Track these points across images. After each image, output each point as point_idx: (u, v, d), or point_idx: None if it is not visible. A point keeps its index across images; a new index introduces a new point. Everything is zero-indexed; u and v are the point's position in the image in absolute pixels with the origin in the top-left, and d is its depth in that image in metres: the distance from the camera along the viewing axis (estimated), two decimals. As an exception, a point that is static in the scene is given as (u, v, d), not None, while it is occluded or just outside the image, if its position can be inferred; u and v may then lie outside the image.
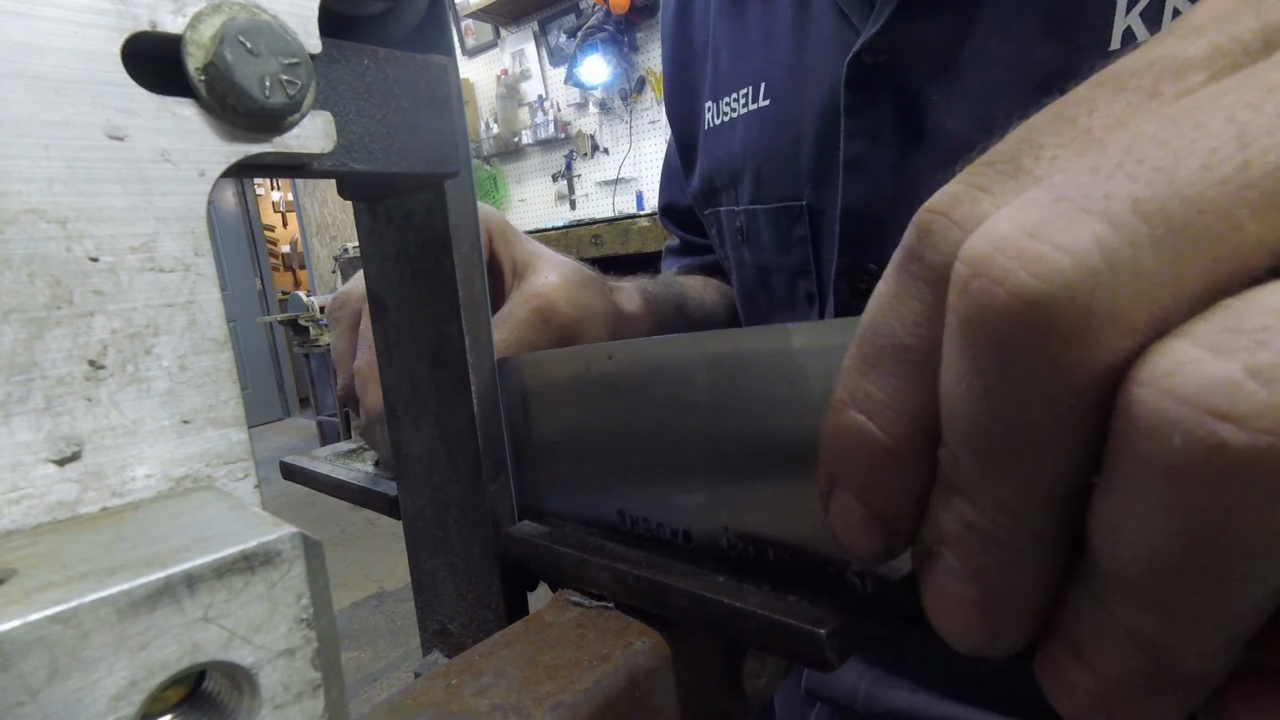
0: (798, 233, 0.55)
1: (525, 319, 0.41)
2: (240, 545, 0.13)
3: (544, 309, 0.42)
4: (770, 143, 0.55)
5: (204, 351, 0.17)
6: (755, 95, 0.55)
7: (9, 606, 0.11)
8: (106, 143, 0.16)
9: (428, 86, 0.24)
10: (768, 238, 0.57)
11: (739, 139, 0.57)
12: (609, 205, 3.77)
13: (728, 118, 0.59)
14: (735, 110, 0.57)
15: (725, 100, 0.59)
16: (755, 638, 0.22)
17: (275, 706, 0.14)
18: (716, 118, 0.61)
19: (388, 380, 0.31)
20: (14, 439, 0.14)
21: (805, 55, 0.51)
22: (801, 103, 0.51)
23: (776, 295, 0.60)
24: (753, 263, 0.60)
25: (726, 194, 0.62)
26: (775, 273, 0.59)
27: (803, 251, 0.55)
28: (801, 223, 0.53)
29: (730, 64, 0.59)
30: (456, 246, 0.27)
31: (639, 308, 0.55)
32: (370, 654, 2.26)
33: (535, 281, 0.43)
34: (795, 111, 0.52)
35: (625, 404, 0.26)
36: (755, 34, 0.56)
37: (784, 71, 0.53)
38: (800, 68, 0.52)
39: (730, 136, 0.58)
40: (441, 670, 0.22)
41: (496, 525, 0.29)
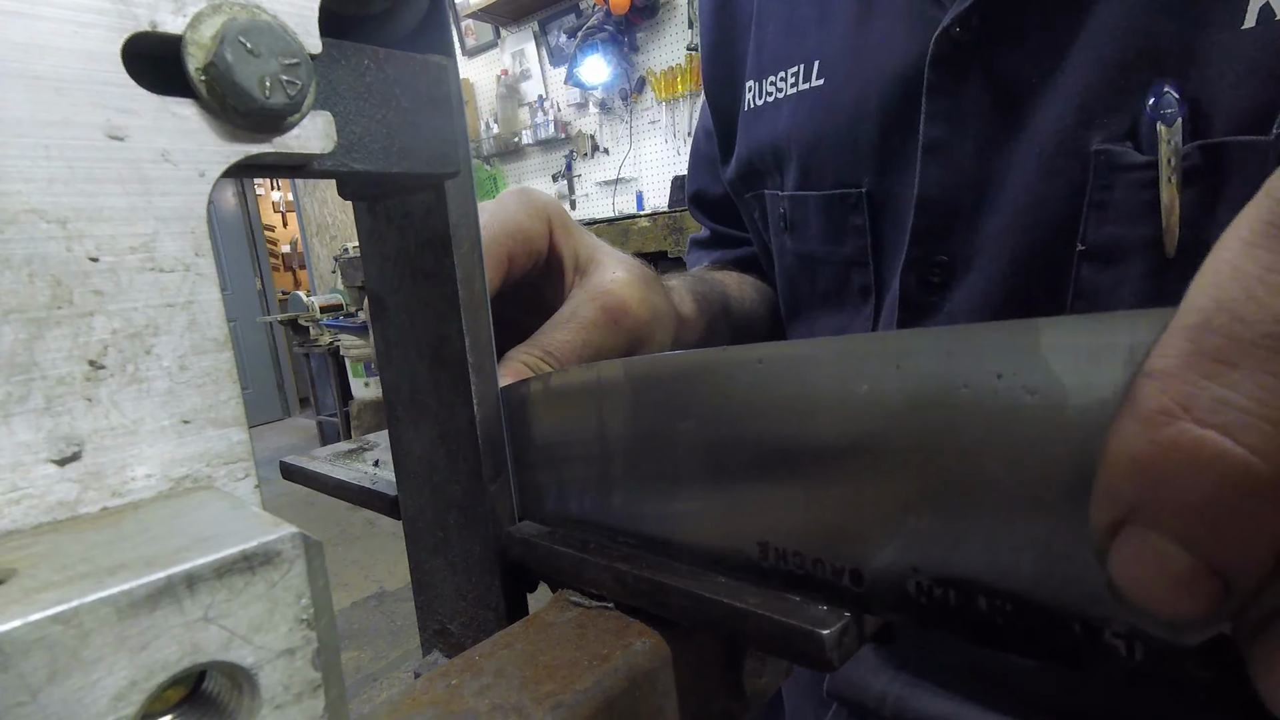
0: (854, 221, 0.51)
1: (594, 319, 0.37)
2: (240, 545, 0.13)
3: (614, 308, 0.38)
4: (822, 125, 0.51)
5: (204, 351, 0.17)
6: (807, 74, 0.52)
7: (9, 606, 0.11)
8: (106, 143, 0.16)
9: (428, 86, 0.24)
10: (817, 226, 0.53)
11: (784, 120, 0.54)
12: (609, 205, 3.76)
13: (772, 98, 0.55)
14: (781, 90, 0.54)
15: (770, 79, 0.55)
16: (755, 638, 0.22)
17: (275, 706, 0.14)
18: (759, 97, 0.57)
19: (388, 380, 0.31)
20: (14, 439, 0.14)
21: (870, 31, 0.47)
22: (864, 82, 0.48)
23: (823, 286, 0.56)
24: (795, 251, 0.57)
25: (771, 178, 0.58)
26: (823, 263, 0.55)
27: (859, 242, 0.52)
28: (859, 211, 0.50)
29: (778, 41, 0.55)
30: (456, 246, 0.27)
31: (692, 310, 0.51)
32: (370, 654, 2.25)
33: (603, 278, 0.39)
34: (855, 92, 0.48)
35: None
36: (808, 8, 0.53)
37: (842, 49, 0.49)
38: (863, 45, 0.48)
39: (774, 118, 0.55)
40: (441, 670, 0.22)
41: (496, 525, 0.29)
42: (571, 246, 0.39)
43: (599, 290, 0.38)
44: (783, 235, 0.58)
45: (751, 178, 0.61)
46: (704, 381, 0.23)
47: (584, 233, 0.41)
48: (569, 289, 0.39)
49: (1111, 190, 0.39)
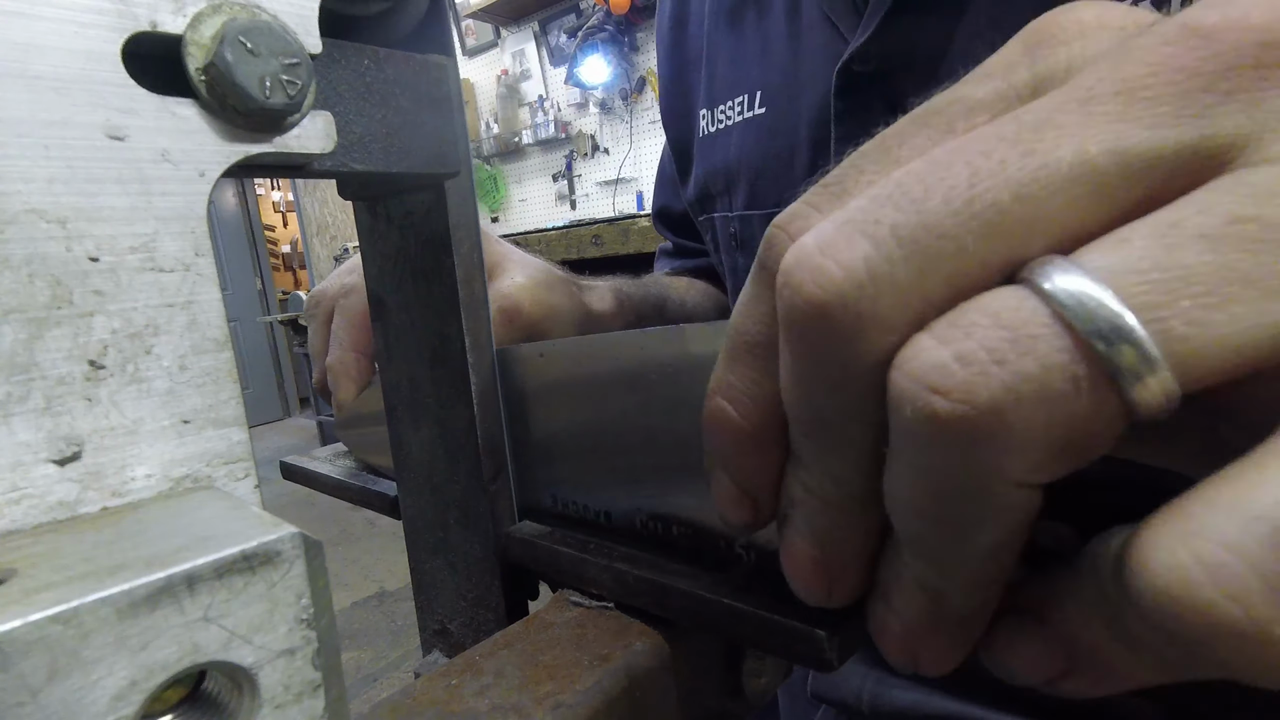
0: None
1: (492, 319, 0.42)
2: (240, 545, 0.13)
3: (509, 310, 0.44)
4: (765, 150, 0.55)
5: (204, 351, 0.17)
6: (751, 103, 0.56)
7: (9, 606, 0.11)
8: (106, 143, 0.16)
9: (428, 86, 0.24)
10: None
11: (734, 146, 0.58)
12: (609, 205, 3.77)
13: (723, 125, 0.59)
14: (731, 118, 0.58)
15: (720, 108, 0.60)
16: (755, 638, 0.22)
17: (275, 706, 0.14)
18: (711, 125, 0.62)
19: (388, 380, 0.31)
20: (14, 439, 0.14)
21: (800, 64, 0.52)
22: (796, 111, 0.52)
23: None
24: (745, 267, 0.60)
25: (721, 200, 0.63)
26: None
27: None
28: None
29: (726, 73, 0.59)
30: (456, 247, 0.27)
31: (610, 307, 0.56)
32: (370, 654, 2.25)
33: (502, 283, 0.45)
34: (790, 119, 0.53)
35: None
36: (752, 44, 0.57)
37: (779, 80, 0.54)
38: (795, 76, 0.52)
39: (725, 143, 0.59)
40: (441, 670, 0.22)
41: (496, 525, 0.29)
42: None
43: (497, 294, 0.44)
44: (734, 253, 0.62)
45: (706, 201, 0.65)
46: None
47: (495, 242, 0.47)
48: None
49: None
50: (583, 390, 0.27)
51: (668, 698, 0.24)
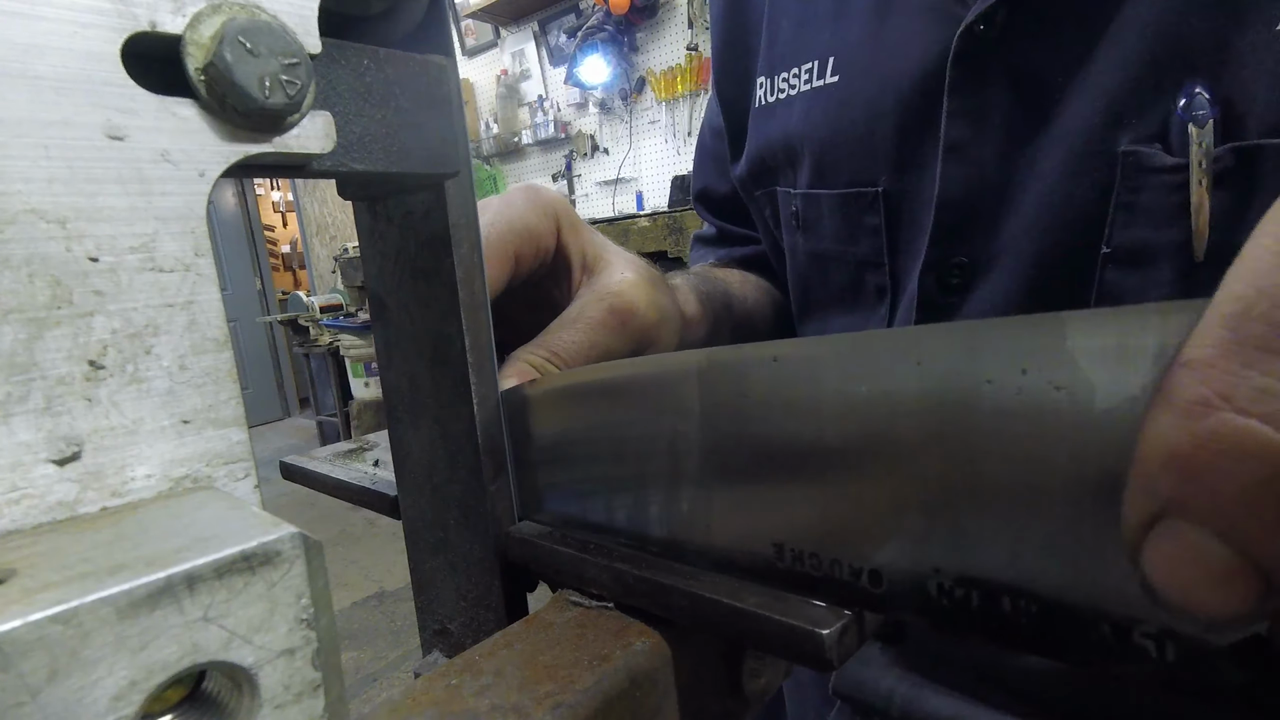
0: (869, 221, 0.50)
1: (601, 320, 0.37)
2: (240, 545, 0.13)
3: (622, 310, 0.38)
4: (837, 123, 0.50)
5: (204, 351, 0.17)
6: (821, 71, 0.50)
7: (9, 606, 0.11)
8: (106, 143, 0.15)
9: (428, 86, 0.24)
10: (831, 225, 0.52)
11: (797, 117, 0.53)
12: (609, 205, 3.76)
13: (784, 94, 0.54)
14: (795, 86, 0.53)
15: (782, 76, 0.54)
16: (755, 638, 0.22)
17: (275, 706, 0.14)
18: (770, 94, 0.56)
19: (388, 380, 0.31)
20: (14, 439, 0.14)
21: (888, 28, 0.46)
22: (881, 80, 0.47)
23: (836, 286, 0.55)
24: (808, 250, 0.56)
25: (783, 175, 0.58)
26: (836, 262, 0.55)
27: (874, 242, 0.51)
28: (875, 211, 0.49)
29: (791, 37, 0.54)
30: (456, 246, 0.27)
31: (696, 310, 0.51)
32: (370, 654, 2.25)
33: (611, 278, 0.39)
34: (872, 90, 0.47)
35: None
36: (823, 4, 0.52)
37: (858, 46, 0.48)
38: (881, 42, 0.47)
39: (786, 115, 0.54)
40: (441, 670, 0.22)
41: (496, 525, 0.29)
42: (579, 245, 0.39)
43: (607, 291, 0.38)
44: (795, 234, 0.58)
45: (763, 175, 0.60)
46: (717, 381, 0.23)
47: (592, 232, 0.41)
48: (576, 288, 0.39)
49: (1140, 192, 0.38)
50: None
51: (668, 698, 0.24)
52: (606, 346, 0.37)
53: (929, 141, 0.45)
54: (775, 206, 0.60)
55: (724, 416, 0.23)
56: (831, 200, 0.52)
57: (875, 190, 0.49)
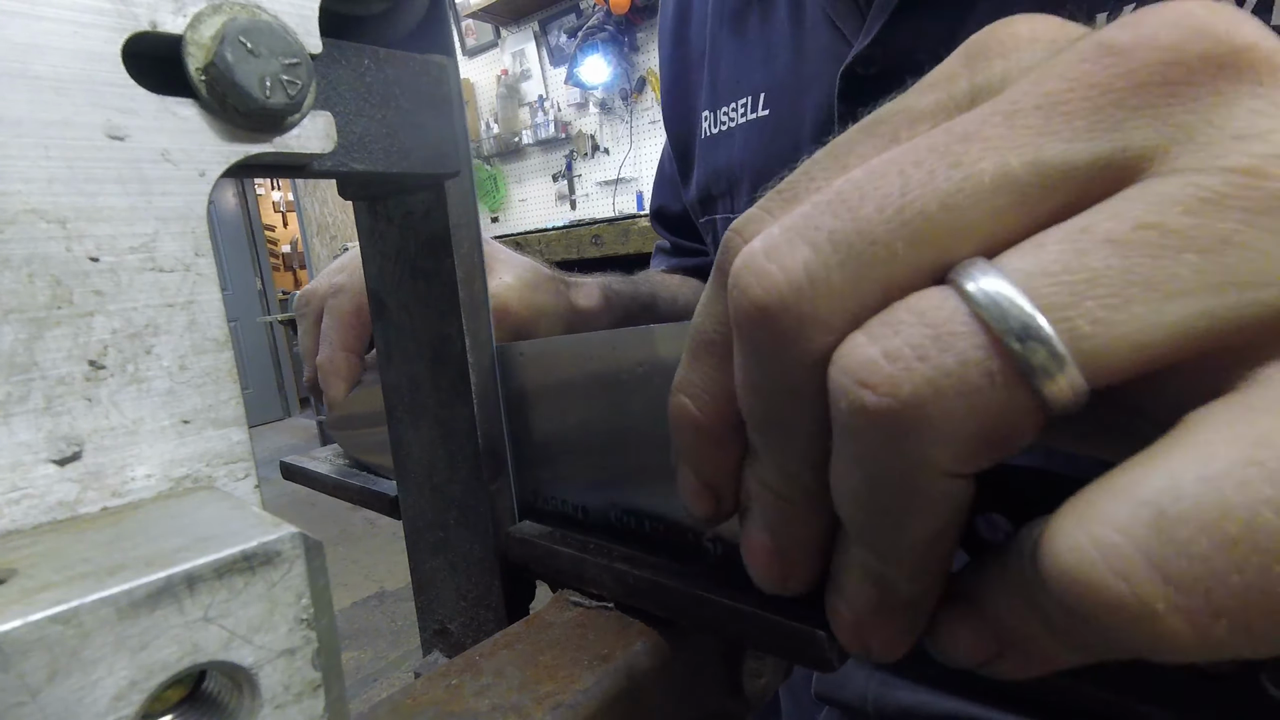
0: None
1: None
2: (240, 545, 0.13)
3: (497, 310, 0.44)
4: (769, 152, 0.55)
5: (204, 351, 0.17)
6: (755, 105, 0.56)
7: (9, 606, 0.11)
8: (107, 143, 0.16)
9: (428, 86, 0.24)
10: None
11: (737, 148, 0.58)
12: (609, 205, 3.76)
13: (725, 127, 0.60)
14: (734, 120, 0.58)
15: (724, 110, 0.60)
16: (755, 638, 0.22)
17: (275, 706, 0.14)
18: (714, 126, 0.62)
19: (388, 380, 0.31)
20: (14, 439, 0.14)
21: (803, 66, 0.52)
22: (799, 113, 0.52)
23: None
24: None
25: (723, 202, 0.63)
26: None
27: None
28: None
29: (730, 74, 0.59)
30: (456, 246, 0.27)
31: (597, 304, 0.57)
32: (370, 654, 2.25)
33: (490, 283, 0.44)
34: (793, 121, 0.53)
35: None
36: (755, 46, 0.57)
37: (783, 82, 0.54)
38: (798, 78, 0.52)
39: (729, 145, 0.59)
40: (441, 670, 0.22)
41: (496, 525, 0.29)
42: None
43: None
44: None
45: (707, 202, 0.65)
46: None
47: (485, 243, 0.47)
48: None
49: None
50: (558, 390, 0.28)
51: (668, 698, 0.24)
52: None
53: None
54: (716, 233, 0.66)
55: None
56: None
57: None
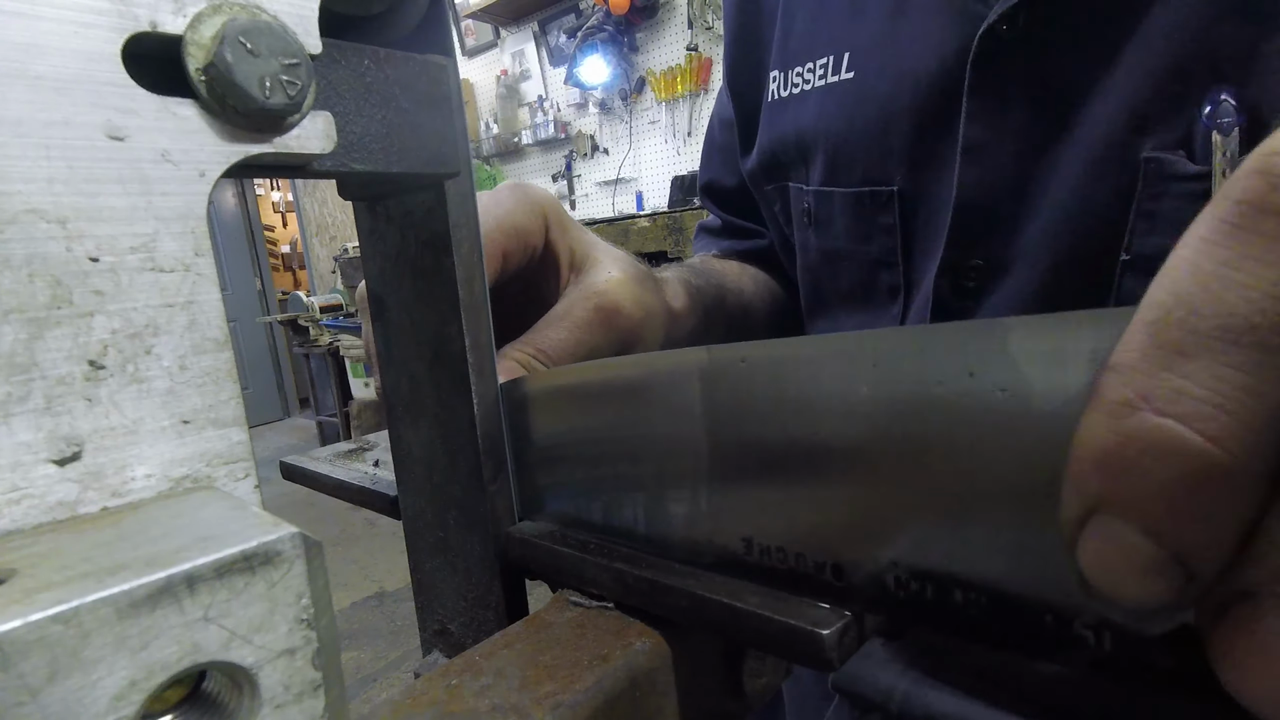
0: (883, 220, 0.50)
1: (588, 319, 0.37)
2: (240, 545, 0.13)
3: (607, 308, 0.38)
4: (852, 120, 0.49)
5: (204, 351, 0.17)
6: (836, 66, 0.50)
7: (9, 606, 0.11)
8: (107, 143, 0.16)
9: (428, 86, 0.24)
10: (843, 223, 0.52)
11: (811, 113, 0.52)
12: (609, 205, 3.76)
13: (798, 89, 0.53)
14: (809, 81, 0.52)
15: (796, 70, 0.53)
16: (755, 638, 0.22)
17: (275, 706, 0.14)
18: (784, 88, 0.55)
19: (388, 380, 0.31)
20: (14, 439, 0.14)
21: (906, 24, 0.46)
22: (897, 77, 0.46)
23: (847, 284, 0.55)
24: (819, 247, 0.55)
25: (795, 170, 0.57)
26: (848, 260, 0.54)
27: (887, 241, 0.50)
28: (889, 210, 0.49)
29: (806, 31, 0.53)
30: (456, 247, 0.27)
31: (684, 304, 0.50)
32: (370, 654, 2.25)
33: (597, 277, 0.39)
34: (888, 87, 0.47)
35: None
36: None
37: (874, 42, 0.48)
38: (898, 39, 0.46)
39: (800, 110, 0.53)
40: (441, 670, 0.22)
41: (496, 525, 0.29)
42: (567, 244, 0.39)
43: (593, 290, 0.38)
44: (806, 230, 0.56)
45: (774, 169, 0.59)
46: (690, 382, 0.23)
47: (581, 230, 0.41)
48: (564, 286, 0.40)
49: (1161, 199, 0.38)
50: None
51: (668, 698, 0.24)
52: (593, 344, 0.37)
53: (946, 141, 0.44)
54: (786, 202, 0.59)
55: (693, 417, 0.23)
56: (845, 198, 0.51)
57: (890, 189, 0.48)
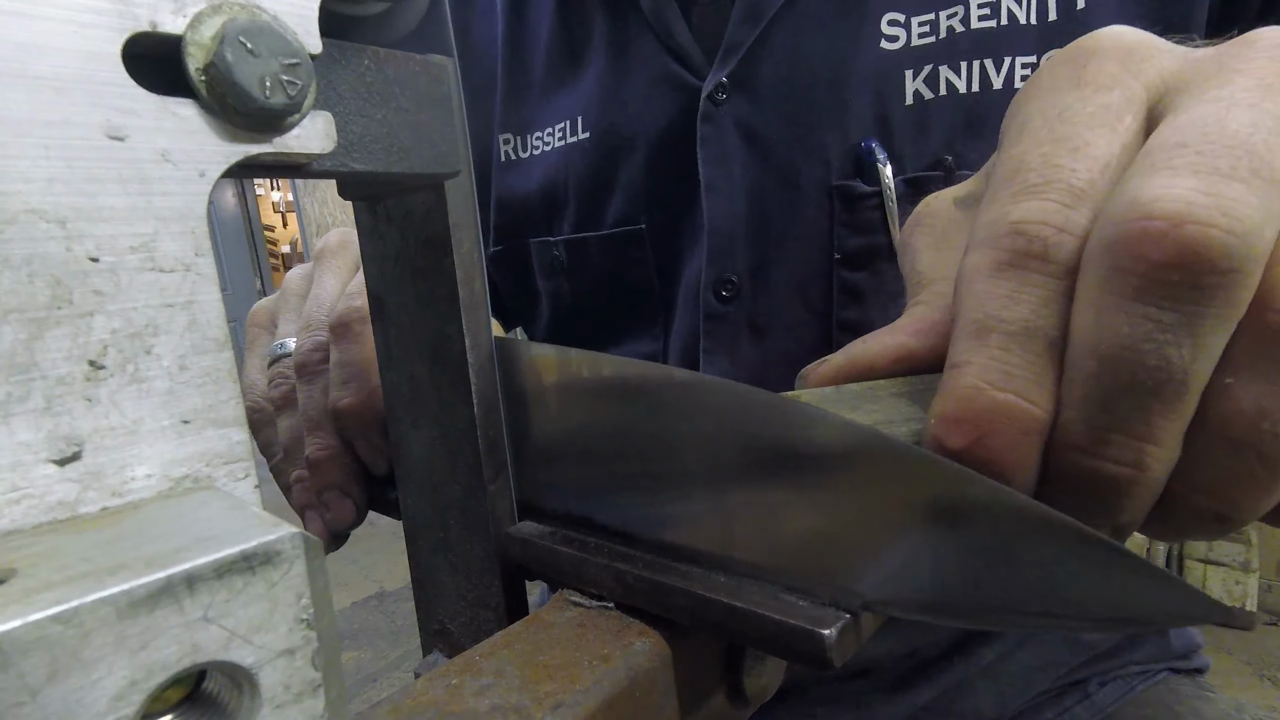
0: (635, 254, 0.60)
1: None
2: (240, 545, 0.13)
3: None
4: (599, 172, 0.59)
5: (204, 351, 0.17)
6: (574, 129, 0.60)
7: (9, 606, 0.11)
8: (106, 143, 0.16)
9: (428, 86, 0.24)
10: (602, 262, 0.61)
11: (557, 169, 0.61)
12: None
13: (538, 151, 0.62)
14: (549, 143, 0.61)
15: (535, 135, 0.63)
16: (755, 638, 0.22)
17: (275, 706, 0.14)
18: (522, 150, 0.63)
19: (388, 380, 0.31)
20: (14, 439, 0.14)
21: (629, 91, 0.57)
22: (631, 135, 0.57)
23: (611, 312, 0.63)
24: (574, 290, 0.63)
25: (537, 226, 0.64)
26: (611, 290, 0.62)
27: (643, 271, 0.60)
28: (642, 244, 0.59)
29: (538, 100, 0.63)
30: (456, 246, 0.27)
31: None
32: (370, 654, 2.26)
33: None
34: (623, 143, 0.58)
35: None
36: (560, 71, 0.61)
37: (603, 107, 0.58)
38: (622, 104, 0.57)
39: (545, 168, 0.62)
40: (441, 670, 0.22)
41: (496, 525, 0.29)
42: None
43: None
44: (558, 277, 0.64)
45: (511, 227, 0.66)
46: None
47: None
48: None
49: (853, 213, 0.52)
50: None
51: (668, 698, 0.24)
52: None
53: (681, 183, 0.56)
54: (526, 257, 0.66)
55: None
56: (600, 240, 0.61)
57: (639, 228, 0.59)
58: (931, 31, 0.47)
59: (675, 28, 0.54)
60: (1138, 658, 0.62)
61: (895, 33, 0.48)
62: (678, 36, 0.54)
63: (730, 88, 0.53)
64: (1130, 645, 0.62)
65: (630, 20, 0.56)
